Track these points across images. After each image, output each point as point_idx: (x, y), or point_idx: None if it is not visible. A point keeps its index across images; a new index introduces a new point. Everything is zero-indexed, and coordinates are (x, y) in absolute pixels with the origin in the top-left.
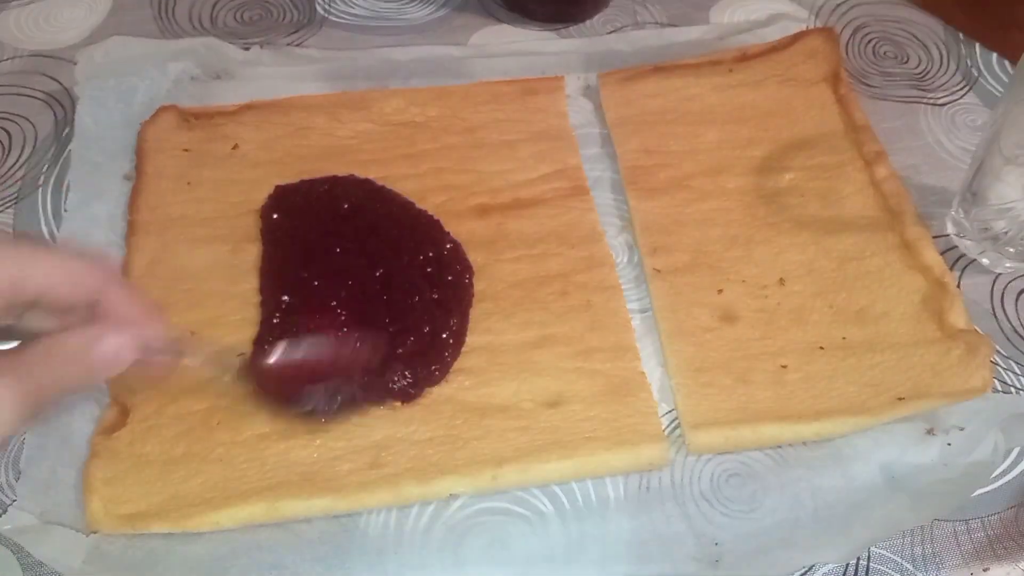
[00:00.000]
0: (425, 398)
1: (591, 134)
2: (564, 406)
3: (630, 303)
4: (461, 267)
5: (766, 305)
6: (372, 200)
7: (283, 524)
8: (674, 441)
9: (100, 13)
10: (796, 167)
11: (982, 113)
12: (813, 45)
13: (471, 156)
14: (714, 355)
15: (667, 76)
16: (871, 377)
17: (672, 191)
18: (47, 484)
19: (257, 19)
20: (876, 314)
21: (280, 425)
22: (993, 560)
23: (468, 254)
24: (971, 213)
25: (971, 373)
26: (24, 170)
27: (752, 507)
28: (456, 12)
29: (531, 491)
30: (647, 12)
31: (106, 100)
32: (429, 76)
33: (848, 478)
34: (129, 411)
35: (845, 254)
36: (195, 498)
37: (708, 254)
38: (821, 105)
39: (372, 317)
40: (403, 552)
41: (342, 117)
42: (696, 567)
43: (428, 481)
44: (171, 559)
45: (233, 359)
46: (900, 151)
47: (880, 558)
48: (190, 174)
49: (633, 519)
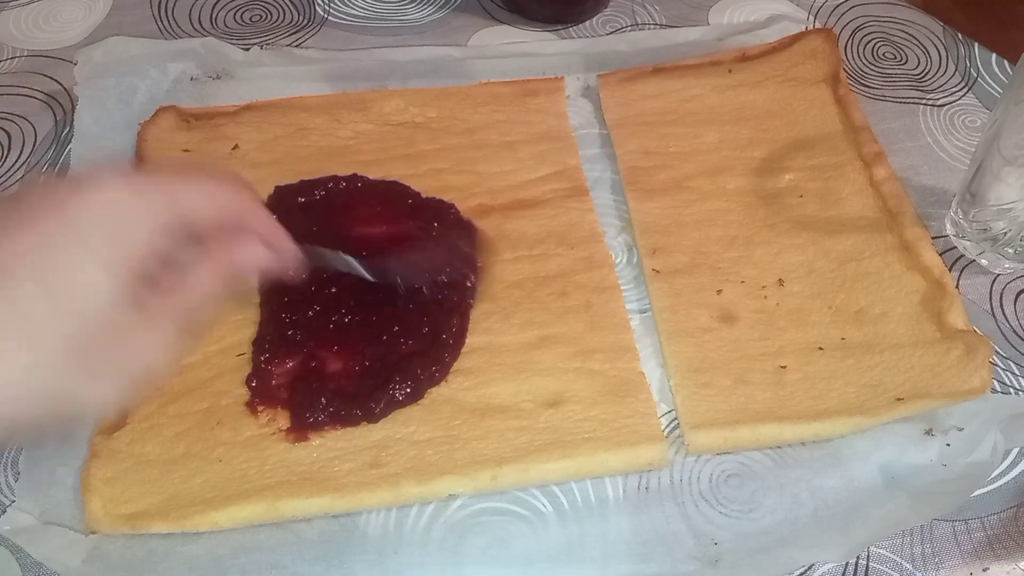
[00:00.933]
0: (425, 398)
1: (591, 135)
2: (564, 406)
3: (630, 303)
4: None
5: (765, 306)
6: (373, 199)
7: (283, 524)
8: (673, 441)
9: (100, 13)
10: (795, 168)
11: (981, 114)
12: (812, 46)
13: (471, 157)
14: (713, 356)
15: (667, 77)
16: (870, 378)
17: (672, 192)
18: (46, 484)
19: (257, 19)
20: (875, 315)
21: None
22: (993, 560)
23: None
24: (970, 214)
25: (970, 374)
26: (24, 170)
27: (751, 507)
28: (456, 13)
29: (531, 491)
30: (647, 13)
31: (106, 100)
32: (429, 77)
33: (847, 478)
34: (128, 411)
35: (844, 255)
36: (195, 498)
37: (707, 255)
38: (820, 106)
39: (373, 317)
40: (403, 552)
41: (342, 118)
42: (695, 567)
43: (428, 481)
44: (171, 559)
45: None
46: (899, 152)
47: (879, 558)
48: None
49: (632, 519)
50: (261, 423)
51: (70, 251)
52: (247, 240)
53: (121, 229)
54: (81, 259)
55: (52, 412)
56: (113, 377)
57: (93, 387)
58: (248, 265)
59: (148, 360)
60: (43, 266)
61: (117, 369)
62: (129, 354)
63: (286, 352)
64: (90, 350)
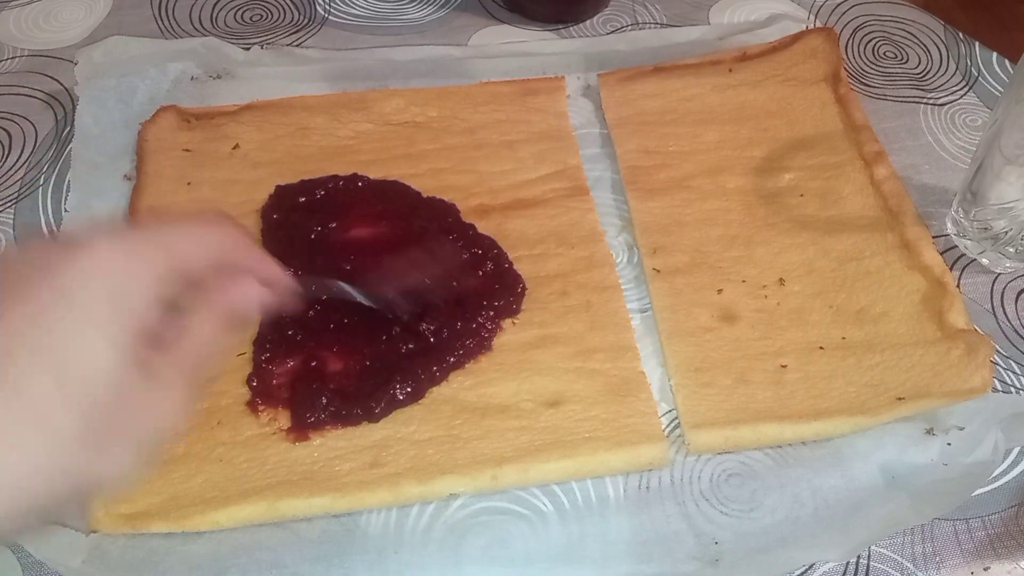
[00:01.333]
0: (426, 398)
1: (591, 134)
2: (564, 406)
3: (630, 303)
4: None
5: (766, 305)
6: (374, 199)
7: (283, 523)
8: (674, 441)
9: (100, 13)
10: (796, 167)
11: (982, 113)
12: (813, 45)
13: (471, 156)
14: (714, 355)
15: (667, 76)
16: (871, 377)
17: (672, 191)
18: None
19: (257, 19)
20: (876, 314)
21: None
22: (994, 559)
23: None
24: (971, 213)
25: (971, 373)
26: (24, 170)
27: (752, 506)
28: (456, 12)
29: (531, 491)
30: (647, 12)
31: (106, 100)
32: (429, 76)
33: (848, 478)
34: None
35: (845, 254)
36: (195, 498)
37: (708, 254)
38: (821, 105)
39: (373, 317)
40: (403, 552)
41: (342, 117)
42: (696, 566)
43: (428, 481)
44: (171, 559)
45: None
46: (900, 151)
47: (880, 557)
48: (190, 174)
49: (633, 518)
50: (262, 423)
51: (68, 321)
52: (242, 281)
53: (118, 292)
54: (80, 328)
55: (71, 490)
56: (127, 445)
57: (109, 458)
58: (246, 306)
59: (161, 422)
60: (43, 341)
61: (131, 436)
62: (141, 419)
63: (287, 351)
64: (102, 421)
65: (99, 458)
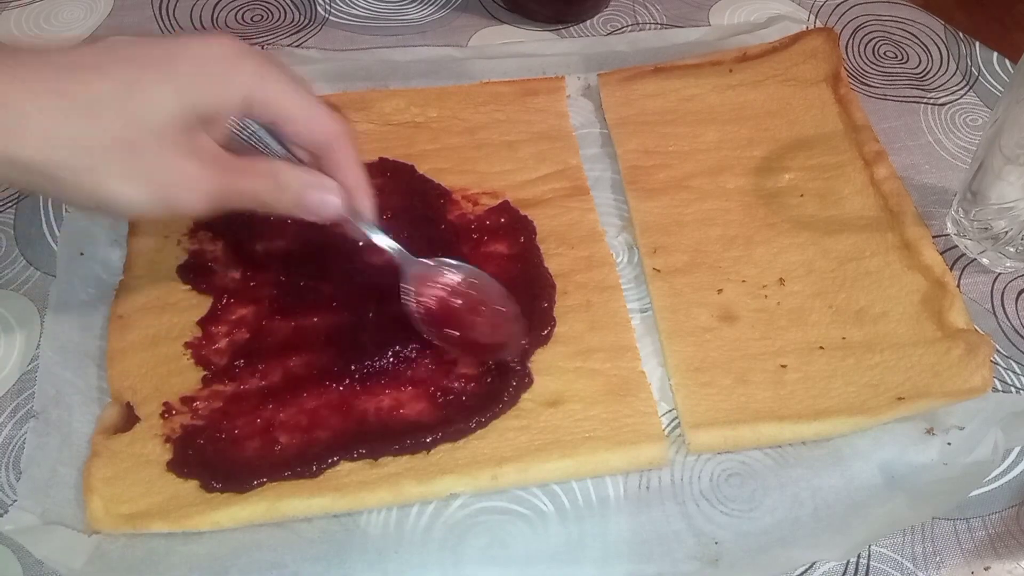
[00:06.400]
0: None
1: (591, 134)
2: (564, 405)
3: (630, 303)
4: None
5: (766, 305)
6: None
7: (283, 523)
8: (674, 440)
9: (101, 13)
10: (796, 167)
11: (982, 112)
12: (813, 45)
13: (471, 157)
14: (714, 355)
15: (667, 76)
16: (871, 377)
17: (672, 191)
18: (48, 484)
19: (258, 19)
20: (876, 314)
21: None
22: (994, 558)
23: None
24: (971, 213)
25: (971, 373)
26: None
27: (752, 506)
28: (456, 12)
29: (531, 490)
30: (647, 13)
31: None
32: (429, 76)
33: (848, 478)
34: (129, 411)
35: (845, 254)
36: (195, 498)
37: (708, 254)
38: (821, 105)
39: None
40: (403, 551)
41: None
42: (696, 566)
43: (428, 480)
44: (171, 559)
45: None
46: (900, 151)
47: (880, 556)
48: None
49: (633, 518)
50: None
51: (156, 73)
52: (332, 189)
53: (214, 79)
54: (162, 83)
55: (85, 192)
56: (144, 184)
57: (125, 184)
58: (320, 212)
59: (180, 187)
60: (128, 74)
61: (151, 179)
62: (167, 174)
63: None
64: (133, 152)
65: (114, 176)
